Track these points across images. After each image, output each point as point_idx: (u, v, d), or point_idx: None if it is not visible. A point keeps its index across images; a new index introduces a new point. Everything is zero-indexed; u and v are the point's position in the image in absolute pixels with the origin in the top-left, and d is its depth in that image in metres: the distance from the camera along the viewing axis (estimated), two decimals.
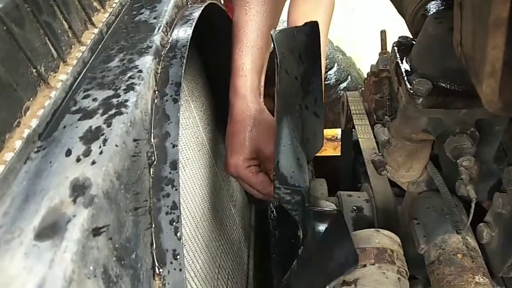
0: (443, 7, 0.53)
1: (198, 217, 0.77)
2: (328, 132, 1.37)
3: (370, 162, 0.78)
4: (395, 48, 0.57)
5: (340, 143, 1.24)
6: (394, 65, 0.56)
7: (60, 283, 0.27)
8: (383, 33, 0.92)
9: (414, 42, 0.56)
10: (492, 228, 0.57)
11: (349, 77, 1.83)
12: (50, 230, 0.30)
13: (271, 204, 1.26)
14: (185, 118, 0.78)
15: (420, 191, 0.66)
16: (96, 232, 0.32)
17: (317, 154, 1.04)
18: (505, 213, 0.53)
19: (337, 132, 1.44)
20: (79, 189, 0.33)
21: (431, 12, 0.53)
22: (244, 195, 1.20)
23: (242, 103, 0.76)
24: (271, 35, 0.56)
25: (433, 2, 0.54)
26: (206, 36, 0.88)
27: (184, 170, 0.72)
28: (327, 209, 0.63)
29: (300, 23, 0.61)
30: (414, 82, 0.50)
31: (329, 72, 1.81)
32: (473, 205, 0.50)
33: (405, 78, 0.52)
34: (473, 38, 0.25)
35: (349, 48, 2.38)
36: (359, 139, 0.87)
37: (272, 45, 0.57)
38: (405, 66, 0.54)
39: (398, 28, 0.76)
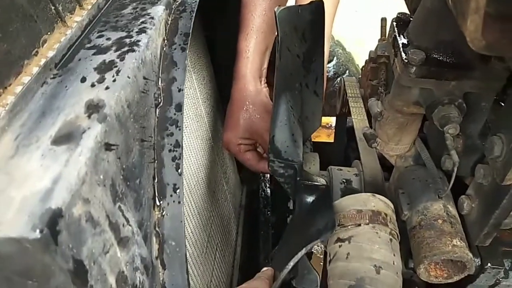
0: None
1: (192, 184, 0.79)
2: (323, 120, 1.40)
3: (361, 140, 0.81)
4: (394, 23, 0.60)
5: (333, 130, 1.28)
6: (392, 39, 0.59)
7: (74, 180, 0.30)
8: (383, 21, 0.95)
9: (412, 19, 0.59)
10: (472, 200, 0.60)
11: (347, 71, 1.87)
12: (66, 138, 0.32)
13: (262, 184, 1.29)
14: (186, 88, 0.80)
15: (407, 165, 0.69)
16: (107, 147, 0.34)
17: (313, 140, 1.06)
18: (486, 184, 0.57)
19: (331, 120, 1.47)
20: (93, 107, 0.35)
21: None
22: (237, 174, 1.23)
23: (240, 83, 0.80)
24: (275, 12, 0.58)
25: None
26: (211, 13, 0.90)
27: (183, 137, 0.75)
28: (317, 183, 0.67)
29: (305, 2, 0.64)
30: (409, 52, 0.53)
31: (328, 65, 1.84)
32: (455, 169, 0.53)
33: (401, 49, 0.55)
34: None
35: (351, 47, 2.41)
36: (353, 120, 0.90)
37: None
38: (402, 39, 0.57)
39: None
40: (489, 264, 0.64)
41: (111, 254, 0.34)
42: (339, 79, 1.30)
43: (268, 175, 1.29)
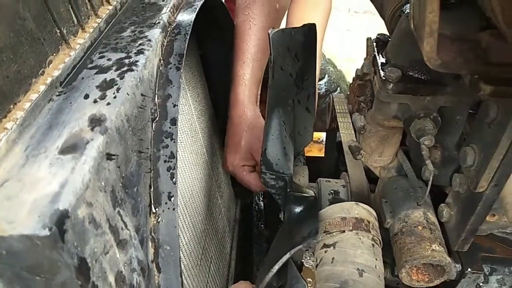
0: None
1: (187, 197, 0.82)
2: (314, 135, 1.45)
3: (348, 153, 0.85)
4: (374, 43, 0.64)
5: (324, 145, 1.32)
6: (372, 58, 0.64)
7: (79, 185, 0.33)
8: (368, 40, 1.00)
9: (390, 40, 0.64)
10: (451, 208, 0.64)
11: (339, 88, 1.92)
12: (72, 148, 0.36)
13: (256, 198, 1.32)
14: (181, 105, 0.84)
15: (391, 176, 0.73)
16: (108, 156, 0.38)
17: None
18: (462, 192, 0.61)
19: (322, 135, 1.51)
20: (96, 121, 0.39)
21: (406, 12, 0.61)
22: (231, 188, 1.26)
23: (240, 109, 0.85)
24: (268, 33, 0.63)
25: (408, 4, 0.62)
26: (206, 32, 0.95)
27: (177, 151, 0.78)
28: (305, 194, 0.70)
29: (298, 25, 0.69)
30: (386, 70, 0.57)
31: (319, 83, 1.90)
32: (431, 178, 0.57)
33: (380, 68, 0.59)
34: (418, 9, 0.32)
35: (342, 65, 2.48)
36: (341, 134, 0.94)
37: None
38: (380, 58, 0.62)
39: None
40: (469, 269, 0.68)
41: (110, 255, 0.38)
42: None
43: None
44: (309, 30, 0.65)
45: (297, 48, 0.67)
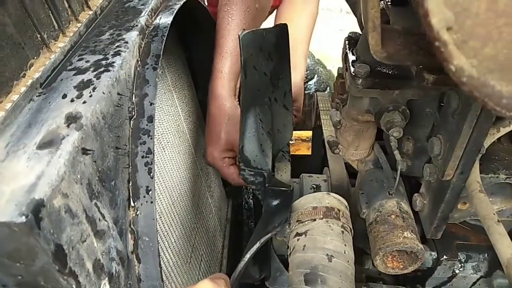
0: None
1: (175, 196, 0.84)
2: (302, 134, 1.47)
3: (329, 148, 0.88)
4: (346, 41, 0.67)
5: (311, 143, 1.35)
6: (344, 55, 0.67)
7: (54, 177, 0.36)
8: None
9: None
10: (424, 197, 0.67)
11: (328, 88, 1.95)
12: (48, 144, 0.39)
13: (246, 197, 1.34)
14: (167, 106, 0.87)
15: (368, 169, 0.75)
16: (84, 151, 0.41)
17: (292, 153, 1.13)
18: (432, 181, 0.63)
19: (310, 134, 1.54)
20: (72, 119, 0.42)
21: None
22: (222, 189, 1.28)
23: (218, 101, 0.87)
24: (239, 35, 0.66)
25: None
26: (190, 36, 0.98)
27: (164, 151, 0.81)
28: (283, 188, 0.73)
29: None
30: (355, 66, 0.60)
31: (309, 83, 1.93)
32: (399, 167, 0.59)
33: (350, 64, 0.62)
34: (365, 6, 0.34)
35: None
36: (324, 131, 0.97)
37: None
38: (351, 56, 0.64)
39: None
40: (444, 257, 0.70)
41: (88, 243, 0.40)
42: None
43: None
44: (281, 31, 0.67)
45: (270, 48, 0.69)
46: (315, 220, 0.60)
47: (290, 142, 1.29)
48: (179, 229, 0.85)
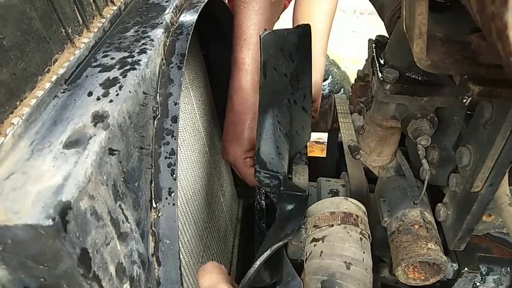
0: None
1: (189, 195, 0.83)
2: (316, 135, 1.46)
3: (349, 153, 0.86)
4: (373, 45, 0.66)
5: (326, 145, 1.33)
6: (370, 59, 0.65)
7: (82, 178, 0.35)
8: (370, 41, 1.01)
9: (388, 41, 0.65)
10: (448, 207, 0.65)
11: (342, 89, 1.93)
12: (75, 143, 0.38)
13: (258, 198, 1.33)
14: (184, 104, 0.86)
15: (389, 175, 0.74)
16: (110, 152, 0.39)
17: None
18: (458, 191, 0.61)
19: (324, 136, 1.53)
20: (98, 118, 0.40)
21: None
22: (234, 188, 1.27)
23: (241, 96, 0.82)
24: (260, 35, 0.64)
25: None
26: (209, 33, 0.97)
27: (180, 149, 0.80)
28: (297, 193, 0.72)
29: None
30: (384, 71, 0.58)
31: (323, 83, 1.91)
32: (427, 177, 0.58)
33: (378, 69, 0.60)
34: (409, 11, 0.33)
35: (348, 66, 2.48)
36: (342, 134, 0.95)
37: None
38: (379, 60, 0.63)
39: None
40: (466, 269, 0.69)
41: (111, 246, 0.39)
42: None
43: None
44: (303, 31, 0.66)
45: (291, 49, 0.68)
46: (332, 226, 0.59)
47: None
48: (192, 228, 0.84)
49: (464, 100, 0.38)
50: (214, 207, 1.03)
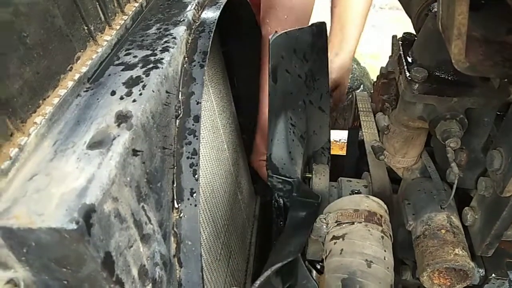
0: None
1: (208, 193, 0.83)
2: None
3: (371, 153, 0.84)
4: (400, 42, 0.63)
5: (345, 143, 1.31)
6: (397, 57, 0.63)
7: (106, 181, 0.34)
8: (394, 38, 0.98)
9: (416, 39, 0.62)
10: (475, 212, 0.63)
11: (362, 86, 1.90)
12: (99, 144, 0.37)
13: (276, 195, 1.33)
14: (203, 101, 0.85)
15: (414, 177, 0.72)
16: (134, 152, 0.39)
17: None
18: (487, 195, 0.59)
19: (341, 134, 1.51)
20: (122, 118, 0.40)
21: (433, 11, 0.59)
22: (251, 185, 1.26)
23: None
24: (269, 39, 0.62)
25: (436, 3, 0.61)
26: (229, 29, 0.95)
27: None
28: (309, 200, 0.70)
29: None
30: (412, 70, 0.56)
31: None
32: (456, 181, 0.56)
33: (405, 67, 0.58)
34: (447, 10, 0.31)
35: (367, 62, 2.44)
36: (364, 133, 0.93)
37: None
38: (406, 58, 0.61)
39: None
40: (493, 275, 0.66)
41: (134, 248, 0.38)
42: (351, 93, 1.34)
43: None
44: (318, 30, 0.64)
45: (305, 48, 0.66)
46: (353, 223, 0.57)
47: None
48: (211, 225, 0.83)
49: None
50: (232, 204, 1.02)
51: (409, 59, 0.60)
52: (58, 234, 0.30)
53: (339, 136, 1.50)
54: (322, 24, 0.72)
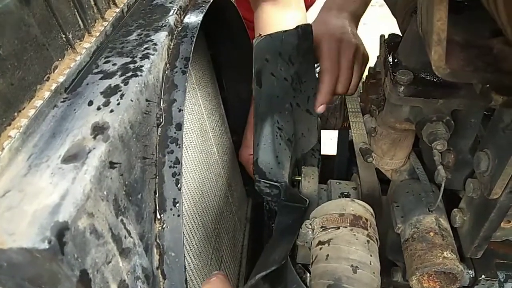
0: None
1: (197, 197, 0.82)
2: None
3: (359, 154, 0.84)
4: (385, 44, 0.63)
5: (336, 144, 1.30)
6: (383, 59, 0.62)
7: (80, 196, 0.33)
8: (381, 38, 0.97)
9: (402, 40, 0.62)
10: (464, 213, 0.62)
11: None
12: (73, 157, 0.36)
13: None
14: (191, 104, 0.84)
15: (402, 179, 0.71)
16: (111, 165, 0.38)
17: None
18: (475, 197, 0.59)
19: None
20: (98, 129, 0.39)
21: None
22: (243, 188, 1.25)
23: None
24: (253, 42, 0.61)
25: None
26: (216, 33, 0.95)
27: (187, 151, 0.78)
28: (296, 204, 0.69)
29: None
30: (397, 72, 0.56)
31: None
32: (443, 184, 0.55)
33: (391, 69, 0.58)
34: (426, 15, 0.30)
35: None
36: (353, 134, 0.93)
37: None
38: (392, 59, 0.60)
39: None
40: (483, 276, 0.66)
41: (113, 264, 0.37)
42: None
43: None
44: (304, 32, 0.63)
45: (291, 51, 0.65)
46: (339, 228, 0.57)
47: None
48: (201, 230, 0.83)
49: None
50: (223, 207, 1.01)
51: (395, 61, 0.59)
52: (29, 254, 0.30)
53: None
54: (308, 26, 0.71)
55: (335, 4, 0.90)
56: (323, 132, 1.24)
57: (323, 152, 1.37)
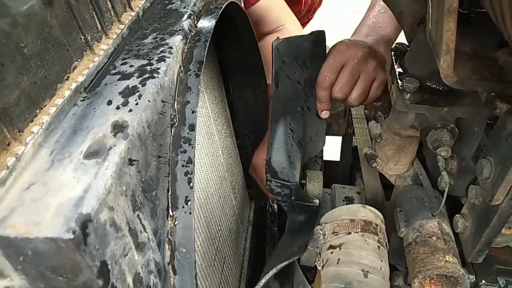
0: None
1: (202, 198, 0.83)
2: None
3: (364, 160, 0.85)
4: (392, 52, 0.65)
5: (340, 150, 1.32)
6: (389, 67, 0.64)
7: (102, 190, 0.35)
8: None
9: (408, 49, 0.64)
10: (466, 219, 0.64)
11: None
12: (95, 153, 0.38)
13: (270, 201, 1.33)
14: (199, 107, 0.86)
15: (406, 184, 0.73)
16: (130, 162, 0.39)
17: None
18: (478, 203, 0.60)
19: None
20: (118, 127, 0.40)
21: (425, 22, 0.61)
22: (246, 190, 1.27)
23: None
24: (272, 43, 0.63)
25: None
26: (224, 36, 0.97)
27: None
28: (308, 203, 0.71)
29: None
30: (404, 80, 0.57)
31: None
32: (446, 189, 0.57)
33: (397, 77, 0.60)
34: (436, 25, 0.32)
35: None
36: (357, 140, 0.94)
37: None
38: (398, 68, 0.62)
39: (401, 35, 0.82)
40: (483, 281, 0.67)
41: (129, 257, 0.39)
42: None
43: None
44: (318, 38, 0.65)
45: (305, 56, 0.67)
46: (350, 233, 0.58)
47: None
48: (205, 231, 0.84)
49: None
50: (226, 210, 1.03)
51: (401, 69, 0.61)
52: (55, 243, 0.31)
53: None
54: (322, 33, 0.73)
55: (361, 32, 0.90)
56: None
57: (326, 157, 1.39)
